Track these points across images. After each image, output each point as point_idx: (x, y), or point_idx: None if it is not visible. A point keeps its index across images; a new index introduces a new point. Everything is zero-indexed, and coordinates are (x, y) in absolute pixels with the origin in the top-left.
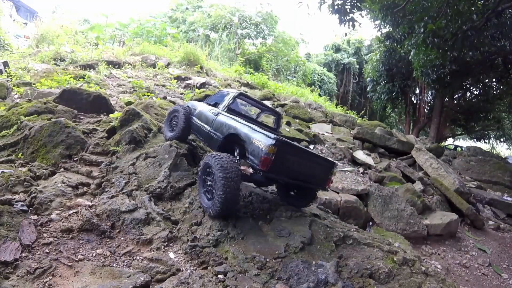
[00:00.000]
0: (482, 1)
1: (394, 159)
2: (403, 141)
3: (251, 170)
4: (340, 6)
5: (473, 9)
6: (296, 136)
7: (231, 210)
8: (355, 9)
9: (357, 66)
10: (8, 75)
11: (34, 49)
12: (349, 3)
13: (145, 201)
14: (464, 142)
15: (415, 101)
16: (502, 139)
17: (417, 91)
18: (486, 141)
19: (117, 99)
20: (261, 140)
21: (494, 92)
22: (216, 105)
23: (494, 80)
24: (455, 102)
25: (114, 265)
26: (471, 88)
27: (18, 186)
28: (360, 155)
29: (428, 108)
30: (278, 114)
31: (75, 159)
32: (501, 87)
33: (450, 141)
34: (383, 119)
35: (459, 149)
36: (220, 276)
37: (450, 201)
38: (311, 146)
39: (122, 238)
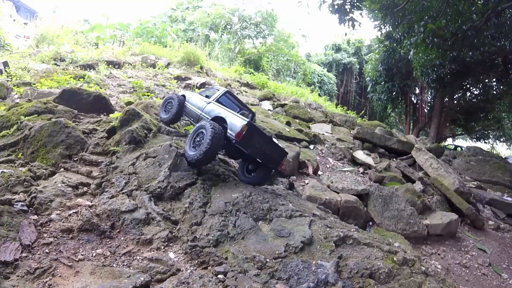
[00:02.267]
0: (482, 1)
1: (394, 159)
2: (403, 141)
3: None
4: (340, 6)
5: (473, 9)
6: (296, 136)
7: (209, 161)
8: (355, 8)
9: (357, 66)
10: (8, 75)
11: (34, 49)
12: (349, 3)
13: (145, 201)
14: (464, 142)
15: (415, 101)
16: (502, 139)
17: (417, 91)
18: (486, 141)
19: (117, 99)
20: (238, 121)
21: (494, 92)
22: (207, 97)
23: (494, 80)
24: (455, 102)
25: (114, 265)
26: (471, 88)
27: (18, 186)
28: (360, 155)
29: (428, 108)
30: (252, 113)
31: (75, 159)
32: (501, 87)
33: (450, 141)
34: (383, 119)
35: (459, 149)
36: (220, 276)
37: (450, 201)
38: (311, 146)
39: (122, 238)
